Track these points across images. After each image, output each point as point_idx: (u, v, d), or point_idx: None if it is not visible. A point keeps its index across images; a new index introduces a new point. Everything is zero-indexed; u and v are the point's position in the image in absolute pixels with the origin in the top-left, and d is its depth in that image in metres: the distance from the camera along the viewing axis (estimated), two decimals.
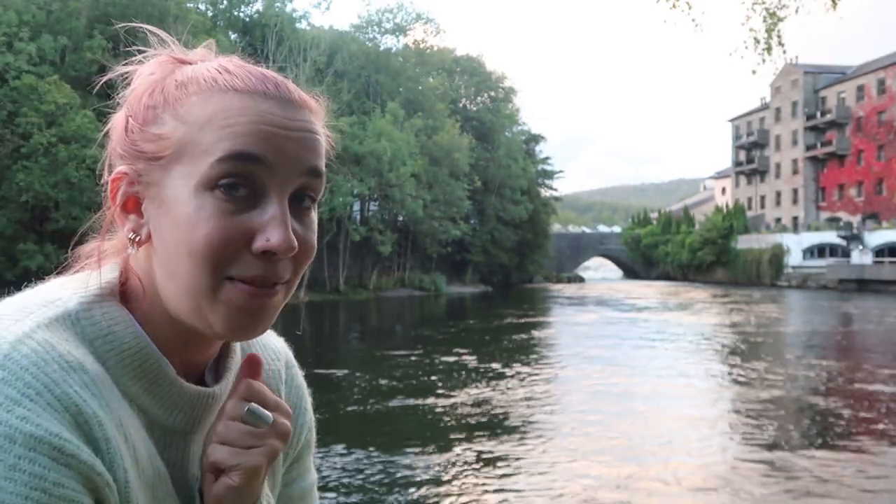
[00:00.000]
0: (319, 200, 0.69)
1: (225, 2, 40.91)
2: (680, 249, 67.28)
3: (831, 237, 53.35)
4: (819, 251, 53.83)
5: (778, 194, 70.44)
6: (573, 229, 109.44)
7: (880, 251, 49.16)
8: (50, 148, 26.18)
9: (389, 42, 49.66)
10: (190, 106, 0.63)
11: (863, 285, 45.84)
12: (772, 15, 10.14)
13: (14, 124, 26.67)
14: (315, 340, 19.15)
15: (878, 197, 58.62)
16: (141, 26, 0.72)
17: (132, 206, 0.66)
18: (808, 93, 67.04)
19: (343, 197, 36.42)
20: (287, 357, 0.85)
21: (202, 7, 39.11)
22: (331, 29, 44.75)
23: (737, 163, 78.16)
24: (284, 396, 0.81)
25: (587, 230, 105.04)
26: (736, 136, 79.36)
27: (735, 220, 63.10)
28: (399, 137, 39.09)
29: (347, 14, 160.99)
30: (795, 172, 67.67)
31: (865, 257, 48.47)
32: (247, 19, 41.17)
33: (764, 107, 74.40)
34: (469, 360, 14.79)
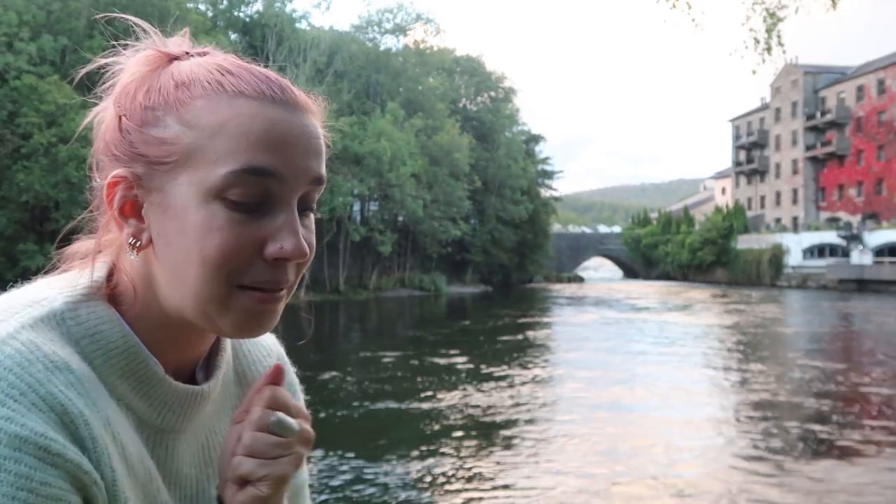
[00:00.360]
0: (319, 201, 0.70)
1: (225, 2, 40.91)
2: (680, 249, 67.28)
3: (831, 237, 53.35)
4: (819, 251, 53.82)
5: (778, 194, 70.44)
6: (573, 229, 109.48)
7: (880, 251, 49.16)
8: (50, 148, 26.18)
9: (389, 42, 49.70)
10: (197, 110, 0.62)
11: (863, 285, 45.84)
12: (772, 15, 10.15)
13: (14, 124, 26.68)
14: (316, 340, 19.14)
15: (878, 197, 58.63)
16: (121, 16, 0.70)
17: (130, 211, 0.65)
18: (808, 93, 67.04)
19: (343, 197, 36.40)
20: (279, 353, 0.85)
21: (202, 7, 39.11)
22: (331, 29, 44.74)
23: (737, 163, 78.16)
24: None
25: (587, 230, 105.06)
26: (736, 136, 79.37)
27: (735, 220, 63.10)
28: (399, 137, 39.08)
29: (347, 14, 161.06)
30: (795, 172, 67.67)
31: (865, 257, 48.45)
32: (247, 19, 41.17)
33: (764, 107, 74.40)
34: (465, 362, 14.77)
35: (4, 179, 26.87)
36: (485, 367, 13.84)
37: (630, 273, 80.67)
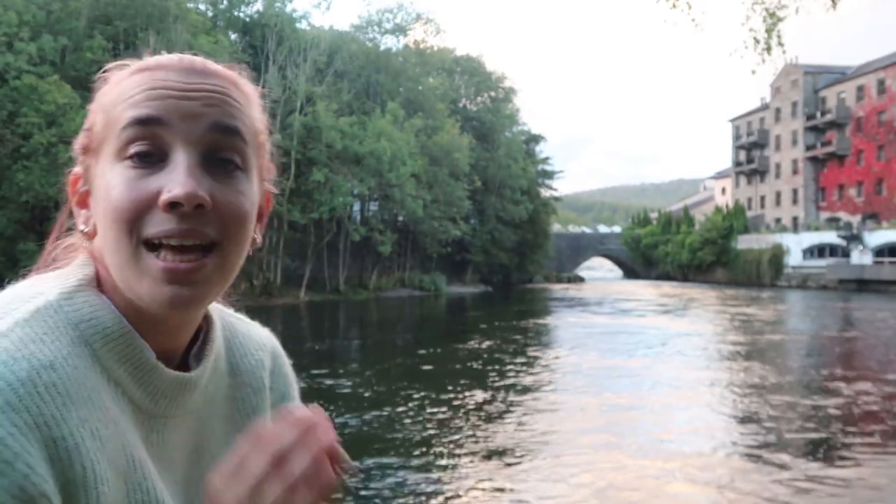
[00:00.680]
0: (261, 168, 0.72)
1: (225, 2, 40.90)
2: (680, 249, 67.29)
3: (831, 237, 53.34)
4: (819, 251, 53.82)
5: (778, 194, 70.43)
6: (573, 229, 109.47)
7: (880, 251, 49.15)
8: (50, 148, 26.19)
9: (389, 42, 49.74)
10: (106, 94, 0.68)
11: (863, 285, 45.84)
12: (772, 15, 10.15)
13: (14, 124, 26.69)
14: (313, 341, 19.15)
15: (878, 197, 58.61)
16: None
17: (82, 202, 0.71)
18: (808, 93, 67.03)
19: (343, 197, 36.41)
20: (273, 347, 0.86)
21: (202, 7, 39.08)
22: (331, 29, 44.73)
23: (737, 163, 78.15)
24: (270, 386, 0.83)
25: (587, 230, 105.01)
26: (736, 136, 79.35)
27: (735, 220, 63.10)
28: (399, 137, 39.08)
29: (347, 14, 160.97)
30: (795, 172, 67.66)
31: (865, 257, 48.46)
32: (247, 19, 41.15)
33: (764, 107, 74.38)
34: (465, 363, 14.77)
35: (4, 179, 26.87)
36: (485, 368, 13.84)
37: (630, 273, 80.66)
